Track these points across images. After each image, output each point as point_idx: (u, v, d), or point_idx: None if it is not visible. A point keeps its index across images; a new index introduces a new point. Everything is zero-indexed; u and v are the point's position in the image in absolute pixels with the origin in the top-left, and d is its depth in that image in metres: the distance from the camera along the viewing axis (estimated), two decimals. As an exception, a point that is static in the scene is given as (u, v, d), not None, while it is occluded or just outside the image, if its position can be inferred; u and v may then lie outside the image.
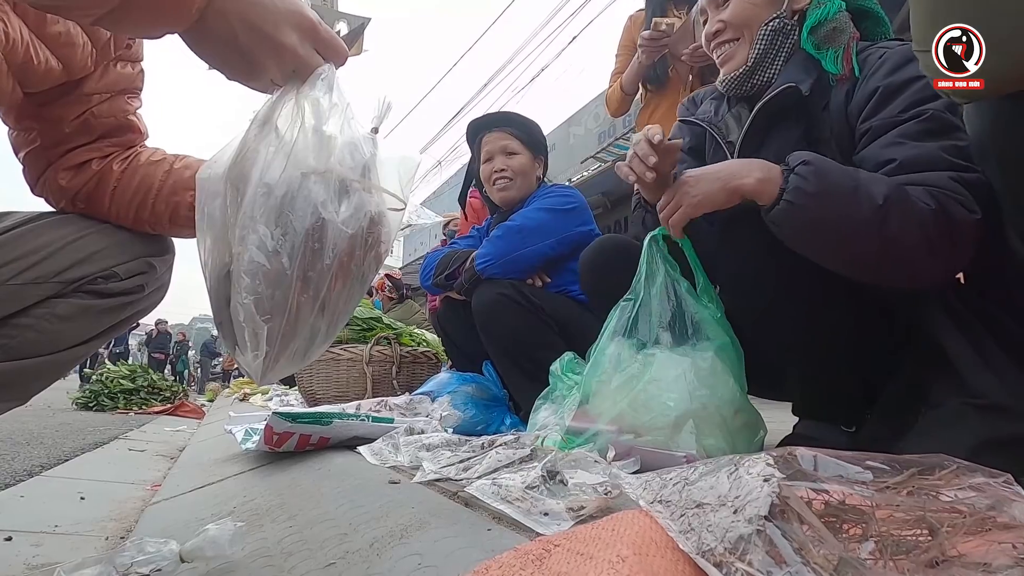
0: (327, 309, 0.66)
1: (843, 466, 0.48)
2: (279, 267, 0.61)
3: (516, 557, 0.49)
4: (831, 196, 0.81)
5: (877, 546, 0.43)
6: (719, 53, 1.11)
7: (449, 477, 0.93)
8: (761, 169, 0.88)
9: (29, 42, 0.74)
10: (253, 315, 0.61)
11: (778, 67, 1.05)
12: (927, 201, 0.79)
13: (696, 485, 0.49)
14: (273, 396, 4.08)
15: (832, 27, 1.00)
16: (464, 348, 2.00)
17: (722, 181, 0.91)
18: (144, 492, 1.74)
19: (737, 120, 1.12)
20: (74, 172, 0.87)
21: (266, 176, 0.61)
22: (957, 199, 0.79)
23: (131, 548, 0.75)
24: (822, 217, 0.82)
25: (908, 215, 0.78)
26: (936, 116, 0.86)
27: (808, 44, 1.01)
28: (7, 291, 0.74)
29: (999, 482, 0.50)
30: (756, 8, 1.05)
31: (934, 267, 0.82)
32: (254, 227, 0.60)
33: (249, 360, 0.63)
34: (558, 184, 2.07)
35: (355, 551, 0.68)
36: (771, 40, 1.04)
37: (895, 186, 0.80)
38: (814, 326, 0.94)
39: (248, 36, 0.57)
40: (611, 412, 1.01)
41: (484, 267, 1.73)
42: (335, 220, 0.63)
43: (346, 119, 0.65)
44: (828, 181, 0.82)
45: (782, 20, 1.04)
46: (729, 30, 1.08)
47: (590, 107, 7.14)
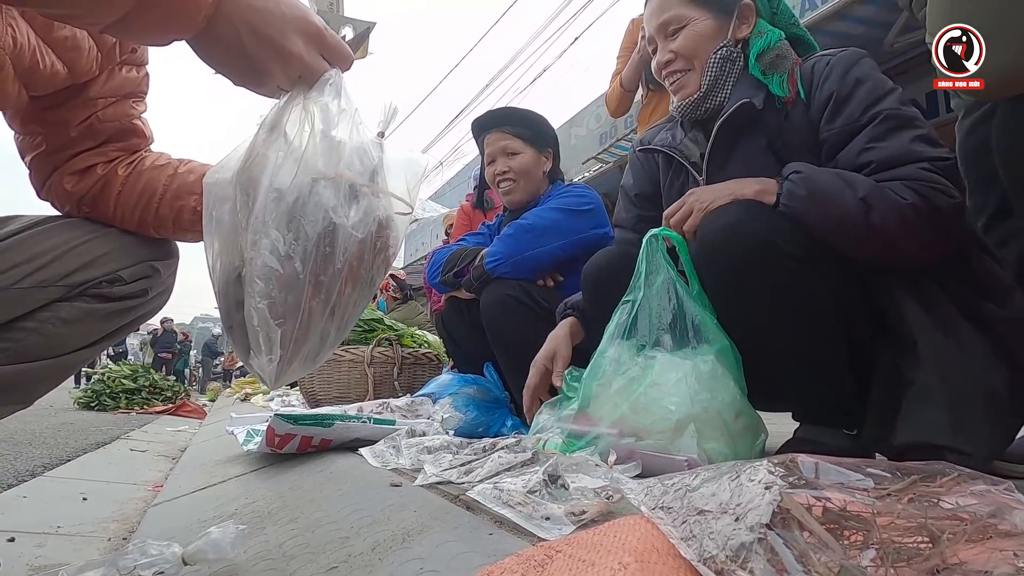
0: (337, 312, 0.67)
1: (844, 473, 0.48)
2: (292, 271, 0.61)
3: (518, 563, 0.49)
4: (820, 198, 0.91)
5: (878, 553, 0.43)
6: (671, 81, 1.19)
7: (451, 480, 0.93)
8: (758, 183, 0.98)
9: (36, 47, 0.74)
10: (267, 319, 0.61)
11: (728, 91, 1.14)
12: (904, 195, 0.88)
13: (698, 492, 0.49)
14: (274, 397, 4.08)
15: (775, 54, 1.09)
16: (467, 349, 1.99)
17: (728, 191, 0.99)
18: (146, 493, 1.74)
19: (695, 142, 1.21)
20: (79, 176, 0.87)
21: (276, 181, 0.61)
22: (935, 188, 0.88)
23: (134, 551, 0.75)
24: (815, 215, 0.92)
25: (887, 209, 0.87)
26: (891, 114, 0.96)
27: (755, 70, 1.11)
28: (12, 295, 0.75)
29: (1000, 489, 0.50)
30: (703, 39, 1.14)
31: (923, 248, 0.91)
32: (266, 232, 0.61)
33: (264, 363, 0.64)
34: (575, 184, 2.02)
35: (357, 555, 0.69)
36: (720, 67, 1.13)
37: (873, 185, 0.90)
38: (803, 337, 0.96)
39: (255, 43, 0.57)
40: (612, 415, 1.01)
41: (494, 266, 1.72)
42: (345, 224, 0.64)
43: (354, 124, 0.66)
44: (815, 186, 0.92)
45: (728, 48, 1.13)
46: (680, 60, 1.16)
47: (591, 108, 7.13)
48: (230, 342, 0.69)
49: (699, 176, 1.18)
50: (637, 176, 1.37)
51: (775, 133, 1.08)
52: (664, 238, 1.06)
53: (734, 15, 1.13)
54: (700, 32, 1.14)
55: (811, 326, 0.94)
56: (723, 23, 1.14)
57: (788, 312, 0.94)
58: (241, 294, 0.64)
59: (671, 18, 1.15)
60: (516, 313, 1.65)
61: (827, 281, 0.94)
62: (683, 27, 1.15)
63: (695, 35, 1.14)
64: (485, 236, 2.06)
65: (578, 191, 1.88)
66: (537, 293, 1.70)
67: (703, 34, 1.13)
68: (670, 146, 1.23)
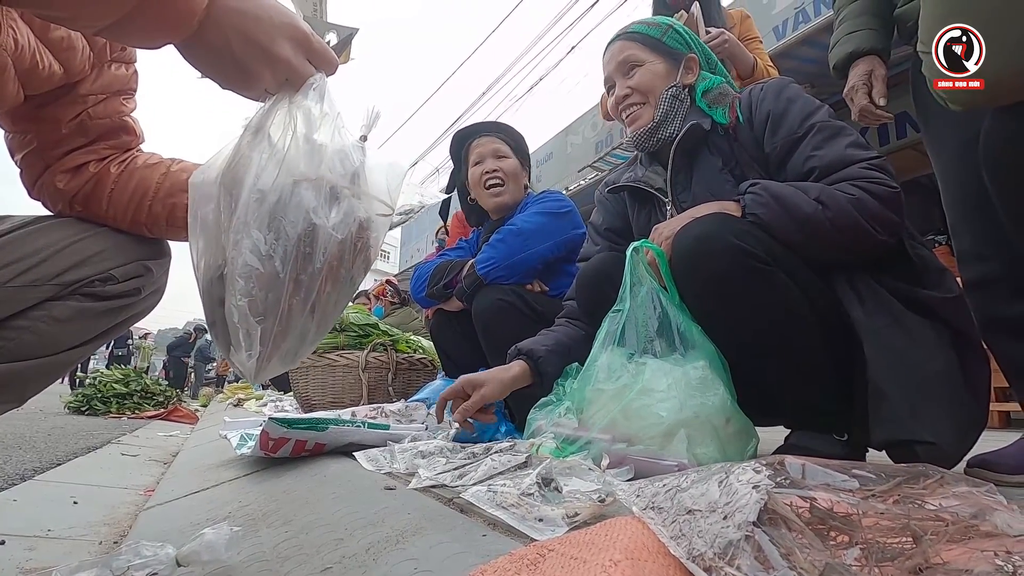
0: (317, 311, 0.68)
1: (830, 474, 0.49)
2: (272, 270, 0.62)
3: (511, 562, 0.50)
4: (781, 203, 1.01)
5: (863, 552, 0.44)
6: (627, 114, 1.33)
7: (445, 484, 0.94)
8: (719, 205, 1.08)
9: (35, 48, 0.75)
10: (247, 316, 0.62)
11: (677, 124, 1.28)
12: (850, 192, 0.99)
13: (687, 492, 0.50)
14: (268, 402, 4.07)
15: (719, 91, 1.26)
16: (457, 359, 2.00)
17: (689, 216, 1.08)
18: (137, 497, 1.73)
19: (656, 173, 1.34)
20: (72, 175, 0.87)
21: (259, 183, 0.62)
22: (875, 181, 0.99)
23: (127, 552, 0.75)
24: (781, 220, 1.01)
25: (838, 205, 0.97)
26: (823, 125, 1.08)
27: (702, 103, 1.26)
28: (5, 293, 0.75)
29: (982, 491, 0.51)
30: (657, 77, 1.30)
31: (876, 234, 0.98)
32: (248, 232, 0.62)
33: (243, 359, 0.65)
34: (548, 191, 2.12)
35: (351, 555, 0.69)
36: (671, 103, 1.28)
37: (821, 188, 1.01)
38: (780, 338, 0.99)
39: (243, 47, 0.58)
40: (603, 421, 1.02)
41: (487, 271, 1.75)
42: (325, 225, 0.65)
43: (336, 128, 0.67)
44: (774, 193, 1.02)
45: (678, 89, 1.29)
46: (636, 95, 1.31)
47: (587, 117, 7.18)
48: (213, 338, 0.70)
49: (665, 199, 1.30)
50: (607, 213, 1.49)
51: (728, 154, 1.21)
52: (645, 250, 1.09)
53: (681, 64, 1.30)
54: (654, 71, 1.30)
55: (786, 327, 0.98)
56: (672, 68, 1.30)
57: (763, 315, 0.98)
58: (223, 292, 0.64)
59: (629, 57, 1.32)
60: (509, 317, 1.67)
61: (797, 282, 0.99)
62: (640, 66, 1.31)
63: (650, 74, 1.30)
64: (466, 250, 2.09)
65: (555, 196, 1.97)
66: (529, 297, 1.72)
67: (657, 73, 1.30)
68: (635, 180, 1.36)
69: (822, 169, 1.04)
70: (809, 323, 0.99)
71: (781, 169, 1.13)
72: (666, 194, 1.29)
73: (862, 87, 1.26)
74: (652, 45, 1.31)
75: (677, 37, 1.33)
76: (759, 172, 1.16)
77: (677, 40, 1.32)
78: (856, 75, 1.28)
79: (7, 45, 0.71)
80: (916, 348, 0.93)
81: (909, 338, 0.93)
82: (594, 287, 1.30)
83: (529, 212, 1.87)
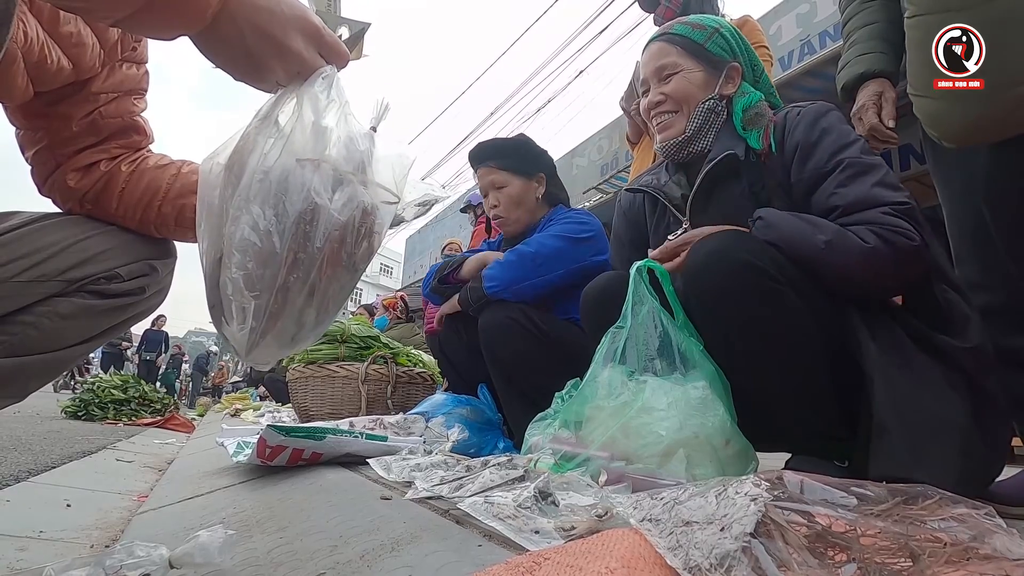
0: (317, 294, 0.67)
1: (829, 491, 0.49)
2: (270, 247, 0.62)
3: (506, 570, 0.50)
4: (781, 239, 0.99)
5: (860, 570, 0.44)
6: (659, 120, 1.27)
7: (441, 495, 0.93)
8: (731, 229, 1.05)
9: (44, 42, 0.75)
10: (241, 289, 0.62)
11: (710, 140, 1.22)
12: (867, 239, 0.94)
13: (685, 505, 0.50)
14: (265, 412, 4.05)
15: (756, 112, 1.18)
16: (462, 371, 1.99)
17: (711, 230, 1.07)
18: (131, 502, 1.72)
19: (678, 185, 1.29)
20: (83, 173, 0.88)
21: (263, 163, 0.62)
22: (896, 231, 0.94)
23: (120, 551, 0.74)
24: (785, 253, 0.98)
25: (849, 253, 0.94)
26: (853, 161, 1.03)
27: (738, 123, 1.19)
28: (10, 288, 0.75)
29: (981, 514, 0.51)
30: (694, 87, 1.23)
31: (883, 287, 0.97)
32: (248, 208, 0.62)
33: (234, 331, 0.64)
34: (577, 209, 2.01)
35: (345, 562, 0.69)
36: (706, 117, 1.22)
37: (836, 230, 0.96)
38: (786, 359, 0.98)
39: (256, 40, 0.59)
40: (602, 438, 1.01)
41: (494, 291, 1.72)
42: (328, 206, 0.64)
43: (343, 114, 0.67)
44: (778, 231, 1.00)
45: (715, 101, 1.22)
46: (669, 102, 1.24)
47: (594, 139, 7.25)
48: (211, 319, 0.70)
49: (681, 216, 1.25)
50: (627, 222, 1.44)
51: (754, 178, 1.16)
52: (648, 270, 1.09)
53: (723, 73, 1.23)
54: (691, 80, 1.23)
55: (794, 348, 0.97)
56: (712, 78, 1.23)
57: (771, 334, 0.97)
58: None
59: (667, 63, 1.25)
60: (515, 336, 1.65)
61: (808, 304, 0.97)
62: (676, 73, 1.24)
63: (687, 82, 1.23)
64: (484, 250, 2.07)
65: (580, 218, 1.86)
66: (537, 316, 1.70)
67: (694, 82, 1.23)
68: (654, 187, 1.31)
69: (844, 208, 1.00)
70: (816, 347, 0.97)
71: (807, 200, 1.09)
72: (683, 211, 1.25)
73: (872, 106, 1.25)
74: (693, 50, 1.24)
75: (722, 42, 1.25)
76: (784, 199, 1.12)
77: (721, 46, 1.25)
78: (866, 95, 1.27)
79: (17, 38, 0.72)
80: (925, 391, 0.90)
81: (919, 380, 0.91)
82: (599, 311, 1.26)
83: (549, 232, 1.80)
